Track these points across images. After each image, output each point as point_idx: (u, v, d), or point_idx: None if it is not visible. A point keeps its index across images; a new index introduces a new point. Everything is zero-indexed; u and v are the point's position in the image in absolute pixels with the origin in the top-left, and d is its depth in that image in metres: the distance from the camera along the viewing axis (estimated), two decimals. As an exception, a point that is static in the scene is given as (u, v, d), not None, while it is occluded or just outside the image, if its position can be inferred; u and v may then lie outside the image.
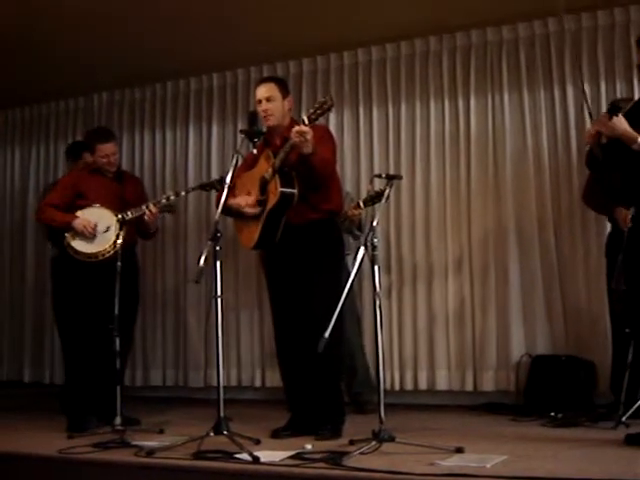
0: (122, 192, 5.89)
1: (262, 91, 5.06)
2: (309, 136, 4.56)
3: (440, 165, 6.76)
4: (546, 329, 6.32)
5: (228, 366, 7.13)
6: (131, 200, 5.84)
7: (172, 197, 5.86)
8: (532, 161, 6.47)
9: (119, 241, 5.58)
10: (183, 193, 6.04)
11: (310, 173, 4.76)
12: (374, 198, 5.83)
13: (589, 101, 5.79)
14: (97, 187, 5.84)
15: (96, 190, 5.82)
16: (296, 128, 4.58)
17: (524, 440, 4.56)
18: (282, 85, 5.15)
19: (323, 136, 4.97)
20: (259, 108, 5.05)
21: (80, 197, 5.82)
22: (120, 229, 5.63)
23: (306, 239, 4.92)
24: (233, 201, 5.03)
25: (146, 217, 5.73)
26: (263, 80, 5.26)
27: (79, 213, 5.70)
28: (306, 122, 4.58)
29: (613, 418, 4.86)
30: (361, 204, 5.99)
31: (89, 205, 5.74)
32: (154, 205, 5.73)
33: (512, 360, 6.33)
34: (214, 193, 6.23)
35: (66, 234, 5.69)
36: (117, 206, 5.74)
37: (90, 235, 5.63)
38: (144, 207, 5.70)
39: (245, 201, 5.04)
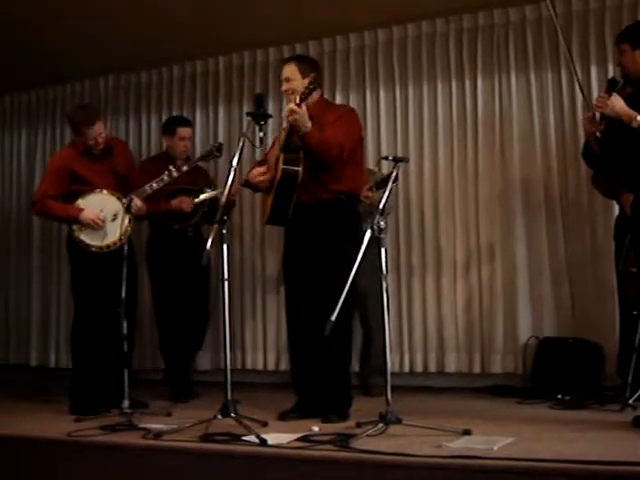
0: (114, 167, 5.66)
1: (283, 72, 5.10)
2: (298, 116, 4.63)
3: (448, 147, 6.74)
4: (553, 311, 6.31)
5: (234, 349, 7.16)
6: (124, 171, 5.70)
7: (175, 173, 5.74)
8: (539, 142, 6.45)
9: (129, 228, 5.49)
10: (185, 168, 5.88)
11: (311, 152, 4.78)
12: (385, 181, 5.81)
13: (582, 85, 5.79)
14: (91, 168, 5.65)
15: (91, 171, 5.63)
16: (288, 106, 4.69)
17: (531, 422, 4.56)
18: (303, 64, 5.11)
19: (341, 117, 4.99)
20: (282, 88, 5.11)
21: (75, 181, 5.64)
22: (127, 214, 5.49)
23: (316, 218, 4.93)
24: (248, 175, 5.18)
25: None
26: (284, 60, 5.30)
27: (81, 203, 5.54)
28: (297, 101, 4.64)
29: (620, 401, 4.87)
30: (373, 188, 5.95)
31: (89, 191, 5.57)
32: (157, 184, 5.65)
33: (519, 342, 6.32)
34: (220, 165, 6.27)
35: (73, 227, 5.54)
36: (114, 184, 5.59)
37: (99, 227, 5.48)
38: (147, 188, 5.59)
39: (257, 171, 5.12)
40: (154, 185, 5.60)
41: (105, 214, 5.51)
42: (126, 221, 5.48)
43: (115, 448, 4.20)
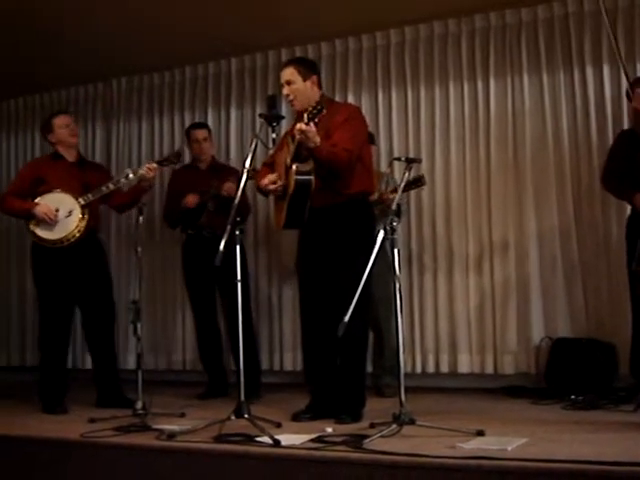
0: (84, 177, 5.90)
1: (282, 76, 5.10)
2: (310, 134, 4.61)
3: (460, 148, 6.74)
4: (567, 312, 6.30)
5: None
6: (94, 185, 5.81)
7: (130, 176, 5.77)
8: (552, 143, 6.44)
9: (83, 224, 5.67)
10: (142, 171, 5.78)
11: (321, 165, 4.78)
12: (412, 183, 5.84)
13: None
14: (58, 172, 5.87)
15: (57, 175, 5.85)
16: (297, 126, 4.65)
17: (545, 423, 4.56)
18: (302, 66, 5.13)
19: (347, 120, 4.96)
20: (283, 93, 5.10)
21: (42, 183, 5.85)
22: (83, 212, 5.68)
23: (330, 221, 4.93)
24: (260, 182, 5.15)
25: (145, 172, 5.72)
26: (284, 64, 5.27)
27: (39, 200, 5.74)
28: (306, 120, 4.62)
29: (634, 401, 4.86)
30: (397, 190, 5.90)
31: (49, 191, 5.77)
32: (114, 185, 5.73)
33: (533, 343, 6.32)
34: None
35: (30, 222, 5.75)
36: (79, 191, 5.75)
37: (52, 222, 5.67)
38: (104, 188, 5.70)
39: (268, 179, 5.09)
40: (110, 186, 5.75)
41: (60, 211, 5.69)
42: (80, 218, 5.67)
43: (129, 449, 4.21)
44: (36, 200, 5.74)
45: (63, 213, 5.68)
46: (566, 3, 6.43)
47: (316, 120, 4.63)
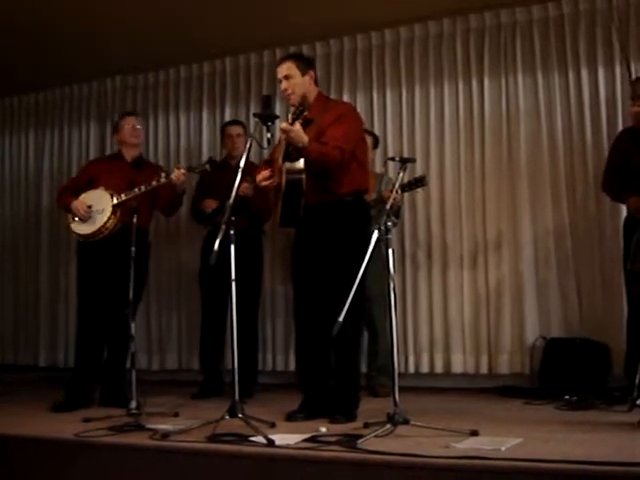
0: (135, 177, 5.95)
1: (280, 70, 5.10)
2: (292, 134, 4.65)
3: (454, 148, 6.75)
4: (561, 312, 6.31)
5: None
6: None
7: (163, 179, 5.82)
8: (546, 143, 6.45)
9: (111, 222, 5.78)
10: (171, 176, 5.84)
11: (312, 164, 4.79)
12: (413, 184, 5.83)
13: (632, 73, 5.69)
14: (109, 171, 6.04)
15: (106, 174, 6.02)
16: (281, 125, 4.71)
17: (538, 423, 4.55)
18: (300, 61, 5.13)
19: (340, 117, 4.95)
20: (280, 87, 5.11)
21: (94, 182, 6.00)
22: (114, 211, 5.79)
23: (324, 220, 4.93)
24: (257, 179, 5.20)
25: (174, 177, 5.81)
26: (281, 59, 5.25)
27: (82, 196, 5.93)
28: (290, 120, 4.65)
29: (627, 401, 4.86)
30: (398, 190, 5.86)
31: (95, 188, 5.95)
32: (145, 187, 5.79)
33: (527, 343, 6.33)
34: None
35: (69, 217, 5.98)
36: (124, 190, 5.84)
37: (84, 217, 5.86)
38: (136, 190, 5.79)
39: (262, 176, 5.12)
40: (142, 188, 5.82)
41: (94, 207, 5.87)
42: (109, 216, 5.79)
43: (122, 449, 4.20)
44: (80, 197, 5.94)
45: (97, 210, 5.86)
46: (561, 4, 6.44)
47: (301, 120, 4.65)
